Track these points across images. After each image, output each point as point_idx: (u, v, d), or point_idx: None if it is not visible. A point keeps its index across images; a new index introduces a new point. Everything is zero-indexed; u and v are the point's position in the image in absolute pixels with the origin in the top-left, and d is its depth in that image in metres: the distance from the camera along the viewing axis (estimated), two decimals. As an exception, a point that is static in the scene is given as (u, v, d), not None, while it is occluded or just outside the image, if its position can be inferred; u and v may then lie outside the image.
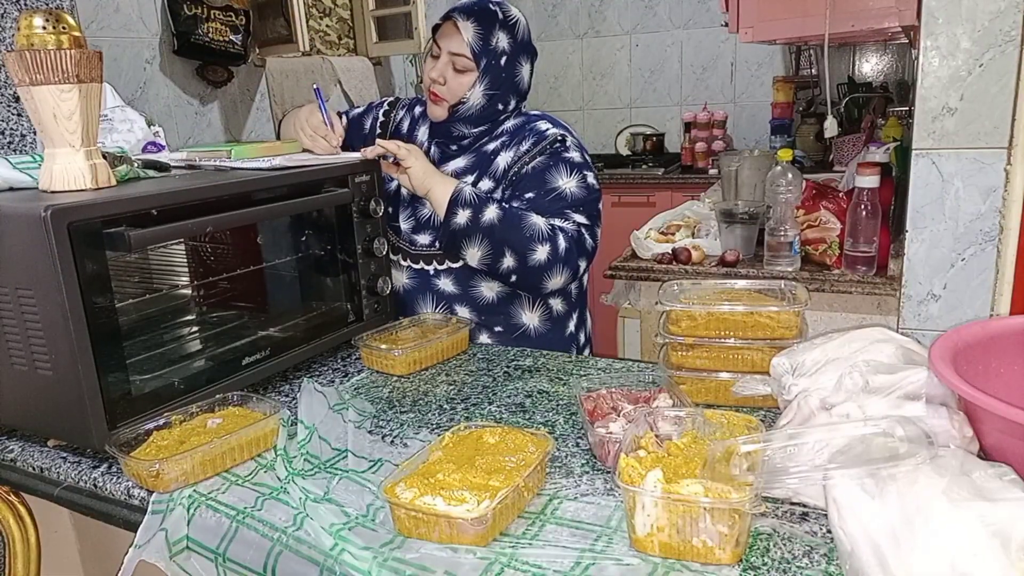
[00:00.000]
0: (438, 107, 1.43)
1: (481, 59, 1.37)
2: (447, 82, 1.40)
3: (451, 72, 1.39)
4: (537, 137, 1.41)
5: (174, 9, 2.12)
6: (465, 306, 1.46)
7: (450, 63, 1.39)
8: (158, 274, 1.27)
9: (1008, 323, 0.93)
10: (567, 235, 1.35)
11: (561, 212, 1.37)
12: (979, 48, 1.30)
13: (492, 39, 1.38)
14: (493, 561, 0.74)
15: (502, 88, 1.41)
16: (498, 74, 1.39)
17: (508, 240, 1.32)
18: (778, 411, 0.97)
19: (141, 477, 0.92)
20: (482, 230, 1.31)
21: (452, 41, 1.38)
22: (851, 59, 3.53)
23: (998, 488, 0.67)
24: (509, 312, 1.47)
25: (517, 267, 1.33)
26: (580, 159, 1.42)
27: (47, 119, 1.03)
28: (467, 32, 1.36)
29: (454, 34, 1.38)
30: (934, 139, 1.36)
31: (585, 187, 1.40)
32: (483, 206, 1.32)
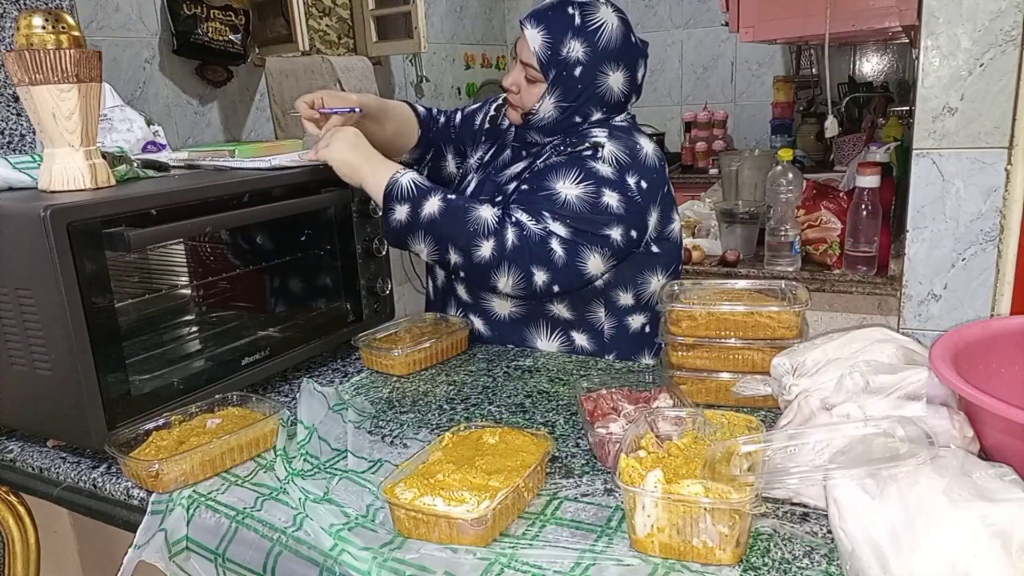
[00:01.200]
0: (514, 112, 1.37)
1: (550, 70, 1.26)
2: (520, 91, 1.32)
3: (523, 81, 1.31)
4: (578, 139, 1.30)
5: (174, 9, 2.12)
6: (479, 317, 1.39)
7: (523, 71, 1.30)
8: (157, 274, 1.27)
9: (1009, 323, 0.92)
10: (522, 232, 1.19)
11: (539, 214, 1.22)
12: (979, 48, 1.30)
13: (563, 48, 1.25)
14: (493, 561, 0.74)
15: (579, 99, 1.29)
16: (572, 85, 1.27)
17: (449, 234, 1.20)
18: (778, 411, 0.97)
19: (140, 477, 0.92)
20: (422, 225, 1.20)
21: (524, 50, 1.29)
22: (852, 59, 3.53)
23: (999, 488, 0.66)
24: (523, 335, 1.37)
25: (463, 263, 1.21)
26: (609, 175, 1.23)
27: (46, 119, 1.03)
28: (534, 41, 1.26)
29: (524, 42, 1.28)
30: (935, 139, 1.36)
31: (592, 203, 1.21)
32: (422, 199, 1.20)
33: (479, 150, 1.51)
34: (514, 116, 1.37)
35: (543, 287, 1.21)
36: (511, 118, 1.40)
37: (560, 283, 1.22)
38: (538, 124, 1.33)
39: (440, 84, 3.52)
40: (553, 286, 1.22)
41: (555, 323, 1.35)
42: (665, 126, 4.00)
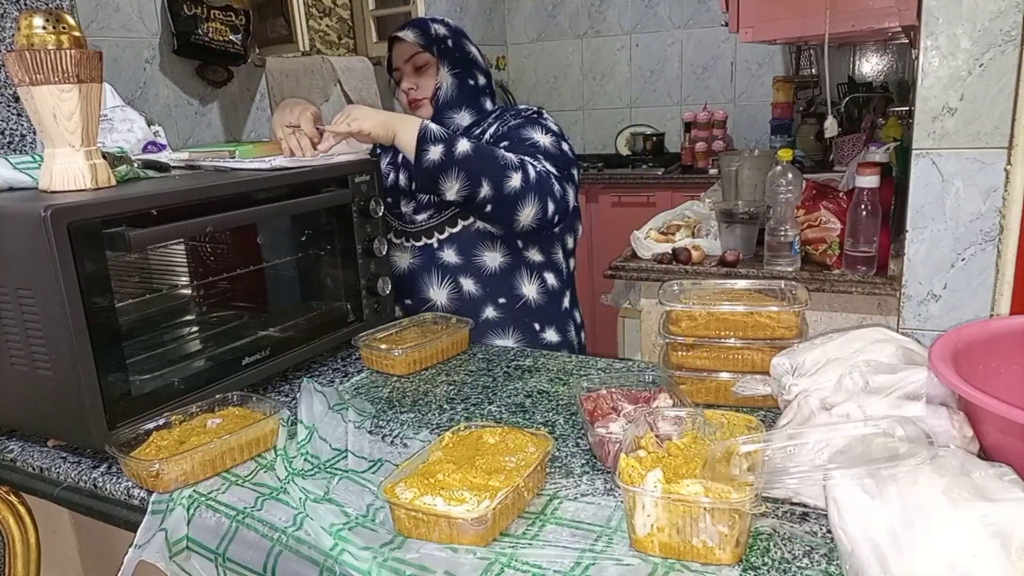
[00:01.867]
0: (423, 109, 1.55)
1: (432, 47, 1.52)
2: (418, 85, 1.55)
3: (416, 76, 1.55)
4: (518, 111, 1.56)
5: (174, 9, 2.12)
6: (470, 277, 1.50)
7: (411, 69, 1.54)
8: (158, 274, 1.27)
9: (1008, 323, 0.93)
10: (536, 168, 1.39)
11: (533, 156, 1.43)
12: (979, 48, 1.30)
13: (431, 31, 1.54)
14: (493, 561, 0.74)
15: (462, 66, 1.54)
16: (452, 54, 1.53)
17: (483, 168, 1.34)
18: (778, 411, 0.97)
19: (141, 477, 0.92)
20: (457, 162, 1.32)
21: (404, 52, 1.54)
22: (851, 59, 3.53)
23: (998, 488, 0.67)
24: (511, 283, 1.53)
25: (494, 195, 1.35)
26: (556, 129, 1.52)
27: (47, 119, 1.03)
28: (409, 35, 1.53)
29: (402, 47, 1.54)
30: (934, 139, 1.36)
31: (559, 148, 1.48)
32: (453, 139, 1.34)
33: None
34: (426, 112, 1.55)
35: (551, 217, 1.41)
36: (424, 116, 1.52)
37: (559, 214, 1.43)
38: (446, 99, 1.54)
39: (440, 84, 3.52)
40: (555, 216, 1.42)
41: (531, 267, 1.55)
42: (665, 126, 4.00)
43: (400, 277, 1.55)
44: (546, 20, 4.10)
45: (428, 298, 1.52)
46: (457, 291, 1.51)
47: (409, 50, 1.54)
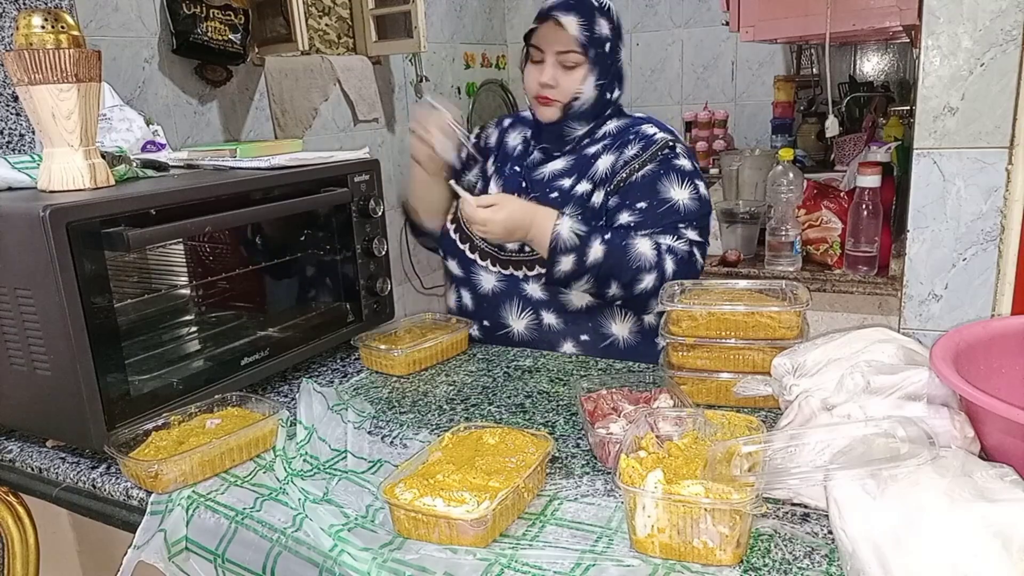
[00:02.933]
0: (550, 109, 1.37)
1: (589, 50, 1.32)
2: (558, 83, 1.34)
3: (560, 72, 1.34)
4: (645, 142, 1.36)
5: (173, 8, 2.12)
6: (552, 312, 1.39)
7: (557, 63, 1.34)
8: (157, 274, 1.27)
9: (1009, 323, 0.92)
10: (677, 258, 1.29)
11: (674, 227, 1.31)
12: (980, 47, 1.29)
13: (596, 28, 1.32)
14: (493, 562, 0.74)
15: (609, 77, 1.37)
16: (605, 62, 1.35)
17: (614, 274, 1.28)
18: (779, 412, 0.97)
19: (140, 478, 0.92)
20: (588, 271, 1.28)
21: (557, 40, 1.32)
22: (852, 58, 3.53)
23: (999, 489, 0.66)
24: (599, 321, 1.40)
25: (623, 295, 1.30)
26: (691, 167, 1.36)
27: (46, 118, 1.03)
28: (571, 26, 1.30)
29: (557, 32, 1.32)
30: (935, 139, 1.36)
31: (697, 199, 1.34)
32: (585, 246, 1.27)
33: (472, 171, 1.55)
34: (550, 113, 1.37)
35: None
36: (545, 117, 1.39)
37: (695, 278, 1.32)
38: (579, 110, 1.36)
39: (440, 84, 3.52)
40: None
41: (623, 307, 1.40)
42: (665, 126, 3.99)
43: (481, 297, 1.44)
44: (546, 19, 4.09)
45: (507, 324, 1.42)
46: (537, 323, 1.40)
47: (565, 43, 1.32)
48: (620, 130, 1.40)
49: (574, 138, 1.40)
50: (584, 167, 1.39)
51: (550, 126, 1.40)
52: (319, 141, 2.77)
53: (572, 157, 1.41)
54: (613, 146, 1.38)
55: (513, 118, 1.56)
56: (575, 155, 1.41)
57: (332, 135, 2.86)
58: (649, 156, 1.35)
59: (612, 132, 1.40)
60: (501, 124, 1.57)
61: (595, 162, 1.38)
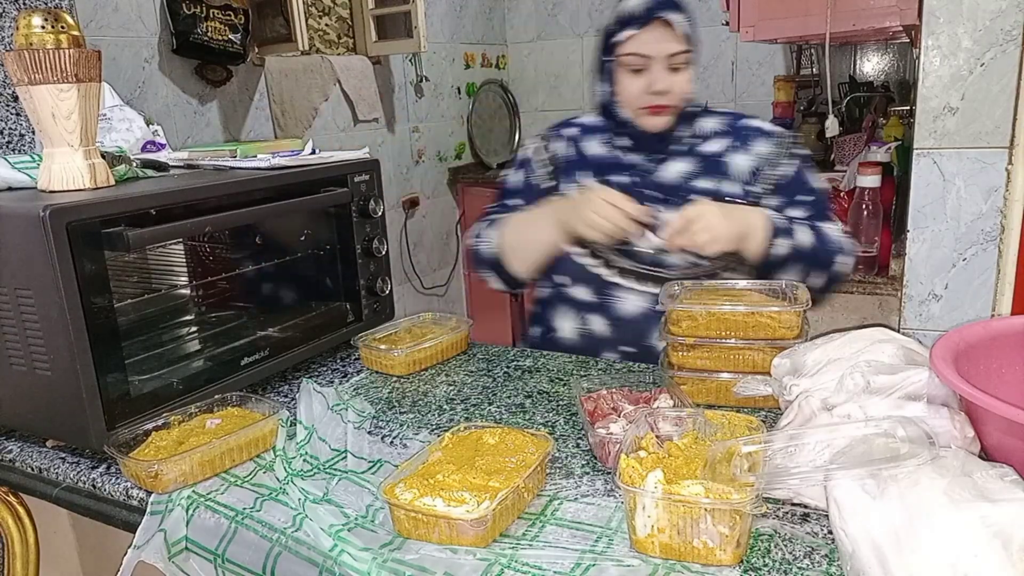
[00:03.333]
0: (662, 118, 1.29)
1: (694, 46, 1.27)
2: (672, 88, 1.26)
3: (671, 76, 1.26)
4: (769, 137, 1.35)
5: (173, 8, 2.12)
6: (602, 316, 1.34)
7: (667, 66, 1.26)
8: (157, 274, 1.27)
9: (1010, 323, 0.92)
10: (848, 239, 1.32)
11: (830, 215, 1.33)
12: (980, 47, 1.29)
13: (693, 19, 1.27)
14: (493, 562, 0.74)
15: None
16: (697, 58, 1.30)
17: (820, 260, 1.27)
18: (779, 412, 0.97)
19: (140, 478, 0.92)
20: (798, 255, 1.25)
21: (666, 41, 1.24)
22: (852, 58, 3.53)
23: (999, 489, 0.66)
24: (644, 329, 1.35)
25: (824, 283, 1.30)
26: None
27: (46, 119, 1.03)
28: (681, 25, 1.23)
29: (665, 34, 1.23)
30: (935, 139, 1.36)
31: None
32: (792, 229, 1.25)
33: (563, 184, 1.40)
34: (661, 122, 1.30)
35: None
36: (657, 126, 1.30)
37: None
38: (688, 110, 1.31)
39: (440, 84, 3.52)
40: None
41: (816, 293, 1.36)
42: (665, 126, 3.99)
43: (620, 320, 1.33)
44: (546, 19, 4.09)
45: (652, 346, 1.32)
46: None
47: (676, 43, 1.24)
48: (728, 126, 1.35)
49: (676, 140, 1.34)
50: (714, 167, 1.33)
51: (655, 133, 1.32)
52: (319, 141, 2.77)
53: (691, 158, 1.34)
54: (735, 143, 1.33)
55: (576, 126, 1.45)
56: (692, 155, 1.34)
57: (332, 135, 2.86)
58: (786, 152, 1.33)
59: (719, 129, 1.35)
60: (564, 134, 1.45)
61: (726, 160, 1.33)
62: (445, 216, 3.67)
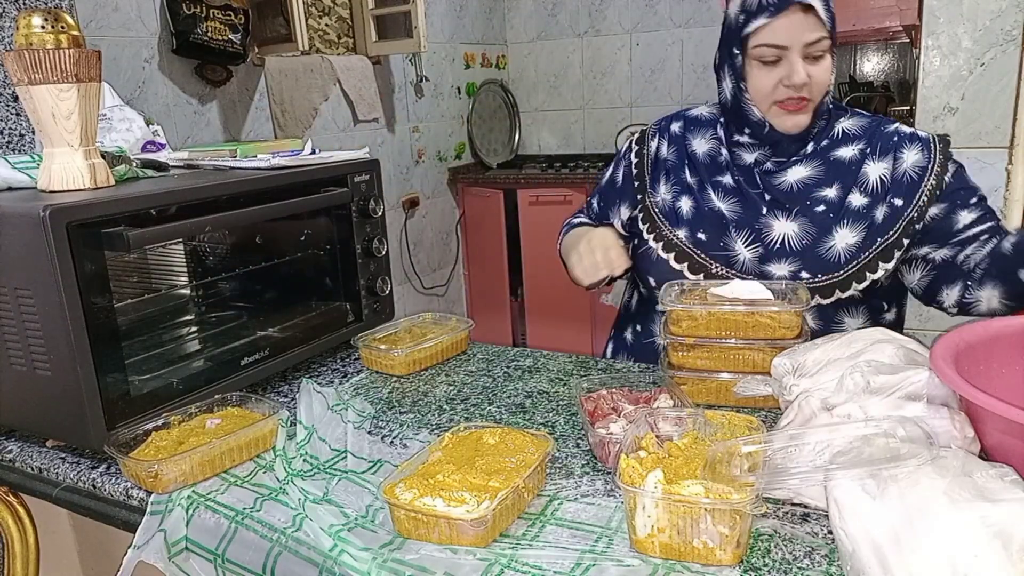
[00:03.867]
0: (802, 115, 1.17)
1: (833, 31, 1.14)
2: (812, 78, 1.13)
3: (810, 66, 1.14)
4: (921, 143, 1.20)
5: (173, 8, 2.12)
6: None
7: (806, 55, 1.13)
8: (157, 274, 1.27)
9: (1010, 323, 0.92)
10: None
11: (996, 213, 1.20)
12: (980, 48, 1.30)
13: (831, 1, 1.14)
14: (493, 562, 0.74)
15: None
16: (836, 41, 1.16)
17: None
18: (779, 412, 0.97)
19: (140, 478, 0.92)
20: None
21: (805, 29, 1.11)
22: (852, 58, 3.53)
23: (999, 489, 0.66)
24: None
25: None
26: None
27: (46, 119, 1.03)
28: (820, 8, 1.11)
29: (804, 19, 1.11)
30: (935, 138, 1.36)
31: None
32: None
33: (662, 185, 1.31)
34: (803, 120, 1.18)
35: None
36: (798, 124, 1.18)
37: None
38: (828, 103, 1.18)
39: (440, 84, 3.52)
40: None
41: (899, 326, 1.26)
42: (665, 126, 3.99)
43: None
44: (546, 19, 4.09)
45: None
46: None
47: (815, 29, 1.11)
48: (865, 130, 1.22)
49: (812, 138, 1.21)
50: (844, 174, 1.20)
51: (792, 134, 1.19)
52: (319, 141, 2.77)
53: (817, 162, 1.21)
54: (874, 150, 1.20)
55: (681, 120, 1.34)
56: (820, 160, 1.21)
57: (332, 135, 2.86)
58: (942, 156, 1.19)
59: (856, 133, 1.22)
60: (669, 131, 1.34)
61: (857, 169, 1.19)
62: (445, 216, 3.67)
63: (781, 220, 1.19)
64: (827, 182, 1.20)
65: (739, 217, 1.21)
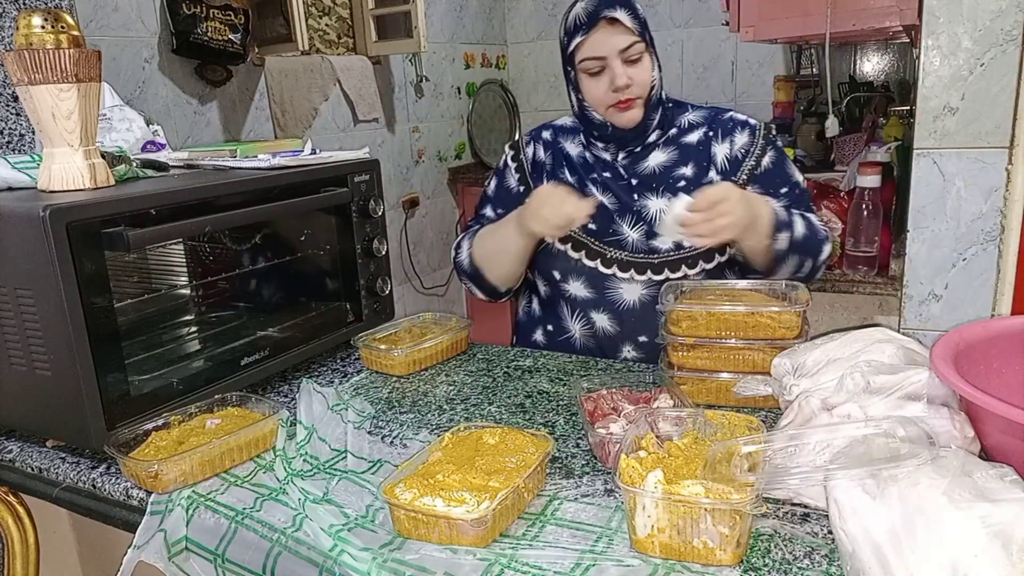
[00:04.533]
0: (633, 111, 1.30)
1: (645, 34, 1.29)
2: (634, 80, 1.28)
3: (630, 69, 1.28)
4: (748, 128, 1.37)
5: (173, 8, 2.11)
6: (603, 312, 1.37)
7: (621, 61, 1.27)
8: (157, 274, 1.27)
9: (1009, 323, 0.92)
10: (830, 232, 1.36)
11: (810, 207, 1.37)
12: (980, 47, 1.30)
13: (639, 12, 1.29)
14: (493, 562, 0.74)
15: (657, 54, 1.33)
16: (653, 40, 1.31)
17: (810, 249, 1.30)
18: (779, 412, 0.97)
19: (140, 478, 0.92)
20: (795, 247, 1.27)
21: (614, 38, 1.26)
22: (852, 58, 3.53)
23: (999, 489, 0.66)
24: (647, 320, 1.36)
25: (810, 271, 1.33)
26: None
27: (46, 118, 1.03)
28: (626, 18, 1.26)
29: (613, 31, 1.26)
30: (935, 139, 1.36)
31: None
32: (791, 222, 1.27)
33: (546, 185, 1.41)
34: (634, 115, 1.31)
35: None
36: (631, 120, 1.31)
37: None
38: (656, 97, 1.32)
39: (440, 84, 3.52)
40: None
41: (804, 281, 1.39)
42: (665, 126, 3.99)
43: (625, 314, 1.35)
44: (546, 19, 4.09)
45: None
46: None
47: (624, 38, 1.26)
48: (708, 117, 1.38)
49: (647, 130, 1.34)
50: (698, 155, 1.35)
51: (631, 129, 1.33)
52: (319, 141, 2.77)
53: (671, 148, 1.36)
54: (717, 134, 1.36)
55: (552, 128, 1.49)
56: (672, 145, 1.36)
57: (332, 135, 2.86)
58: (765, 142, 1.36)
59: (698, 121, 1.38)
60: (541, 137, 1.48)
61: (706, 150, 1.35)
62: (445, 216, 3.67)
63: (653, 199, 1.34)
64: (682, 162, 1.36)
65: (619, 206, 1.36)
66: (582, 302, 1.38)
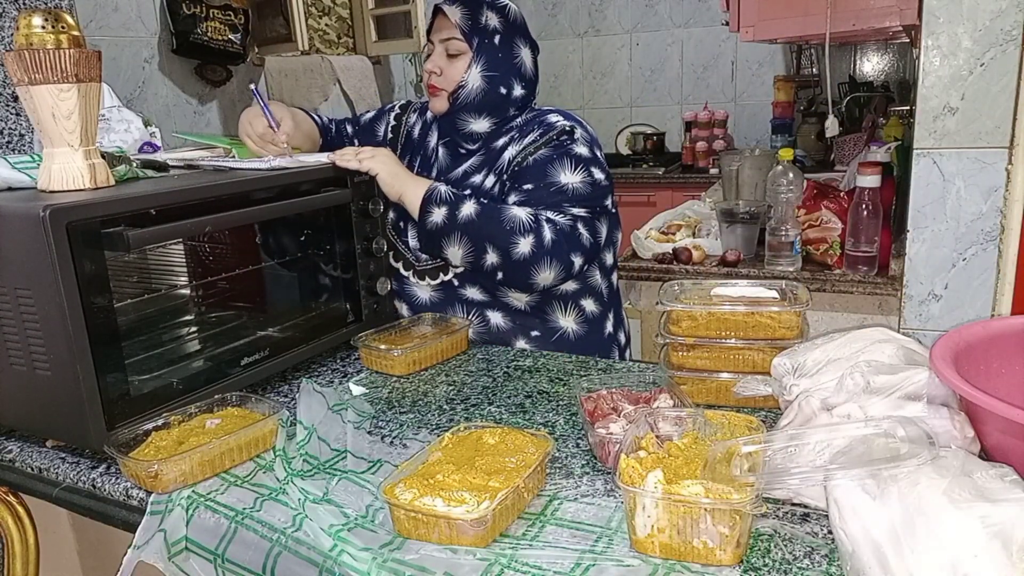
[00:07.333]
0: (438, 99, 1.40)
1: (472, 38, 1.35)
2: (443, 71, 1.37)
3: (445, 60, 1.37)
4: (544, 128, 1.37)
5: (173, 8, 2.12)
6: (497, 311, 1.42)
7: (443, 51, 1.37)
8: (157, 274, 1.26)
9: (1010, 323, 0.92)
10: (555, 227, 1.30)
11: (558, 205, 1.32)
12: (980, 47, 1.30)
13: (481, 18, 1.36)
14: (493, 562, 0.74)
15: (501, 70, 1.37)
16: (494, 54, 1.36)
17: (488, 235, 1.28)
18: (779, 412, 0.97)
19: (140, 478, 0.92)
20: (460, 227, 1.29)
21: (443, 28, 1.37)
22: (852, 58, 3.53)
23: (999, 489, 0.66)
24: (544, 317, 1.42)
25: (501, 262, 1.29)
26: (588, 154, 1.36)
27: (46, 119, 1.03)
28: (454, 15, 1.35)
29: (443, 21, 1.37)
30: (935, 138, 1.36)
31: (590, 183, 1.34)
32: (459, 203, 1.30)
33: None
34: (439, 105, 1.40)
35: (577, 271, 1.34)
36: (435, 109, 1.42)
37: (590, 259, 1.36)
38: (467, 100, 1.37)
39: (440, 84, 3.52)
40: (585, 264, 1.35)
41: (564, 299, 1.43)
42: (665, 126, 4.00)
43: (420, 308, 1.46)
44: (546, 19, 4.09)
45: None
46: (484, 324, 1.42)
47: (448, 30, 1.36)
48: (526, 122, 1.41)
49: (470, 132, 1.41)
50: (493, 161, 1.41)
51: (444, 118, 1.42)
52: (319, 141, 2.77)
53: (483, 154, 1.43)
54: (519, 138, 1.39)
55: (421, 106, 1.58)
56: (485, 152, 1.43)
57: (332, 135, 2.86)
58: (544, 141, 1.36)
59: (519, 125, 1.42)
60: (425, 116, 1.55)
61: (503, 155, 1.40)
62: (445, 216, 3.67)
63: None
64: (479, 169, 1.42)
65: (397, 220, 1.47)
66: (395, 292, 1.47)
